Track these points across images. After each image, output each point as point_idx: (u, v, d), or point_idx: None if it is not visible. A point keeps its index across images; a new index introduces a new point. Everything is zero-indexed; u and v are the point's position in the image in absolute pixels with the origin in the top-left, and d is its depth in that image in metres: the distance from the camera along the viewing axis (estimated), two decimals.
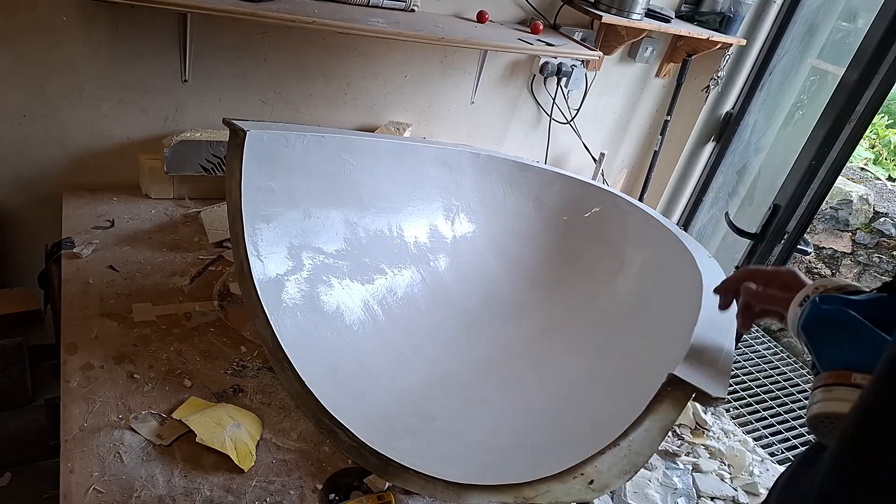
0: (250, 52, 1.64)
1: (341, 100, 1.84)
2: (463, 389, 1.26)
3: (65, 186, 1.61)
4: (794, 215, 1.98)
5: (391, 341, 1.31)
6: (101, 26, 1.45)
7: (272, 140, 1.12)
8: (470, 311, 1.48)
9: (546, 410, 1.21)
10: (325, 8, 1.51)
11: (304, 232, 1.24)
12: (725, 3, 2.13)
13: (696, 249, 1.38)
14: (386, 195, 1.42)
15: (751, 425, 2.50)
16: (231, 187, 1.08)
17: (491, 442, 1.11)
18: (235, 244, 1.10)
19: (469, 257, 1.57)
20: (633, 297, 1.47)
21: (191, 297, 1.36)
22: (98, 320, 1.23)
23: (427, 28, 1.58)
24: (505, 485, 0.90)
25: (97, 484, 0.92)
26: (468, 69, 1.96)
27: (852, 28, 2.40)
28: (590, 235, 1.62)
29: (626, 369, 1.24)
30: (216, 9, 1.31)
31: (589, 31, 2.00)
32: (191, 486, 0.96)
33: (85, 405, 1.04)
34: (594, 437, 0.87)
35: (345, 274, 1.31)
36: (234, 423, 1.04)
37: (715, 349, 0.92)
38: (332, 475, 1.03)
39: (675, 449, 2.15)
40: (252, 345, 1.26)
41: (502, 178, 1.63)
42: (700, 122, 2.47)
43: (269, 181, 1.14)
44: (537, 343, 1.43)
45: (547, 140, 2.25)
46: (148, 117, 1.62)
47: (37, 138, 1.53)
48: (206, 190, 1.72)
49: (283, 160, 1.16)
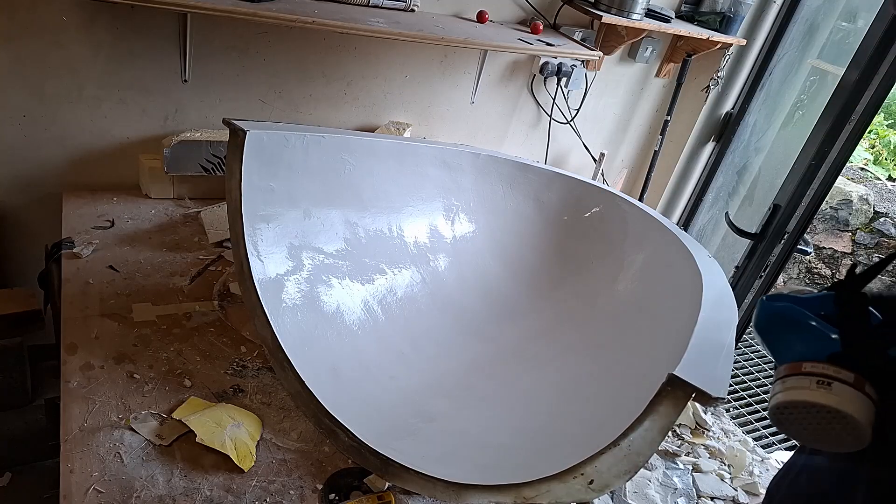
0: (250, 52, 1.64)
1: (341, 100, 1.84)
2: (463, 389, 1.26)
3: (65, 186, 1.61)
4: (794, 215, 1.98)
5: (391, 341, 1.31)
6: (101, 26, 1.45)
7: (272, 140, 1.12)
8: (470, 311, 1.48)
9: (546, 410, 1.21)
10: (325, 8, 1.51)
11: (304, 232, 1.24)
12: (725, 3, 2.13)
13: (696, 249, 1.38)
14: (386, 195, 1.42)
15: (751, 425, 2.50)
16: (231, 187, 1.08)
17: (491, 442, 1.11)
18: (235, 244, 1.10)
19: (469, 257, 1.57)
20: (633, 297, 1.47)
21: (191, 297, 1.36)
22: (98, 320, 1.23)
23: (427, 28, 1.58)
24: (505, 485, 0.90)
25: (97, 484, 0.92)
26: (468, 69, 1.96)
27: (852, 28, 2.40)
28: (590, 235, 1.62)
29: (625, 369, 1.24)
30: (216, 9, 1.31)
31: (589, 31, 2.00)
32: (191, 486, 0.96)
33: (85, 405, 1.04)
34: (594, 437, 0.87)
35: (345, 274, 1.31)
36: (234, 423, 1.04)
37: (715, 349, 0.92)
38: (332, 475, 1.03)
39: (675, 449, 2.15)
40: (252, 345, 1.26)
41: (502, 178, 1.63)
42: (700, 122, 2.47)
43: (269, 181, 1.14)
44: (537, 343, 1.43)
45: (547, 140, 2.25)
46: (148, 117, 1.62)
47: (37, 138, 1.53)
48: (206, 190, 1.72)
49: (283, 160, 1.16)
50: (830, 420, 0.51)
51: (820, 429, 0.53)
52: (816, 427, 0.53)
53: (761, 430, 2.50)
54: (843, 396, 0.51)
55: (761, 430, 2.50)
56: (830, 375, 0.52)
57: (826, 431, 0.52)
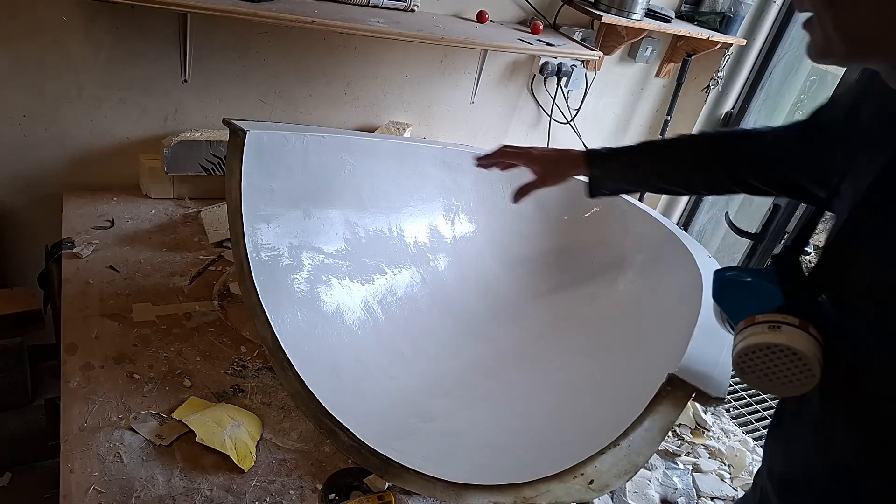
0: (250, 52, 1.64)
1: (341, 100, 1.84)
2: (463, 389, 1.26)
3: (65, 186, 1.61)
4: (795, 215, 1.98)
5: (391, 341, 1.31)
6: (101, 26, 1.45)
7: (272, 140, 1.12)
8: (470, 310, 1.48)
9: (546, 410, 1.21)
10: (325, 8, 1.51)
11: (304, 232, 1.24)
12: (725, 3, 2.13)
13: (696, 249, 1.38)
14: (386, 195, 1.42)
15: (751, 425, 2.50)
16: (231, 188, 1.08)
17: (491, 441, 1.11)
18: (235, 244, 1.10)
19: (469, 257, 1.57)
20: (632, 297, 1.47)
21: (191, 297, 1.36)
22: (98, 320, 1.23)
23: (427, 28, 1.58)
24: (505, 485, 0.90)
25: (97, 484, 0.92)
26: (468, 69, 1.96)
27: None
28: (590, 235, 1.62)
29: (625, 369, 1.24)
30: (216, 9, 1.31)
31: (589, 31, 2.00)
32: (191, 486, 0.96)
33: (85, 405, 1.04)
34: (594, 437, 0.87)
35: (345, 274, 1.31)
36: (234, 423, 1.04)
37: (715, 349, 0.92)
38: (332, 475, 1.03)
39: (675, 449, 2.15)
40: (252, 345, 1.26)
41: (502, 178, 1.62)
42: (700, 122, 2.47)
43: (268, 181, 1.14)
44: (537, 343, 1.43)
45: (547, 140, 2.25)
46: (148, 117, 1.62)
47: (37, 138, 1.53)
48: (206, 190, 1.72)
49: (283, 160, 1.16)
50: (784, 359, 0.61)
51: (776, 370, 0.62)
52: (773, 369, 0.62)
53: (761, 430, 2.50)
54: (791, 335, 0.60)
55: (761, 431, 2.50)
56: (779, 320, 0.61)
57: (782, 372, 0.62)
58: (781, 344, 0.60)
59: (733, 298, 0.69)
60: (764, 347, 0.61)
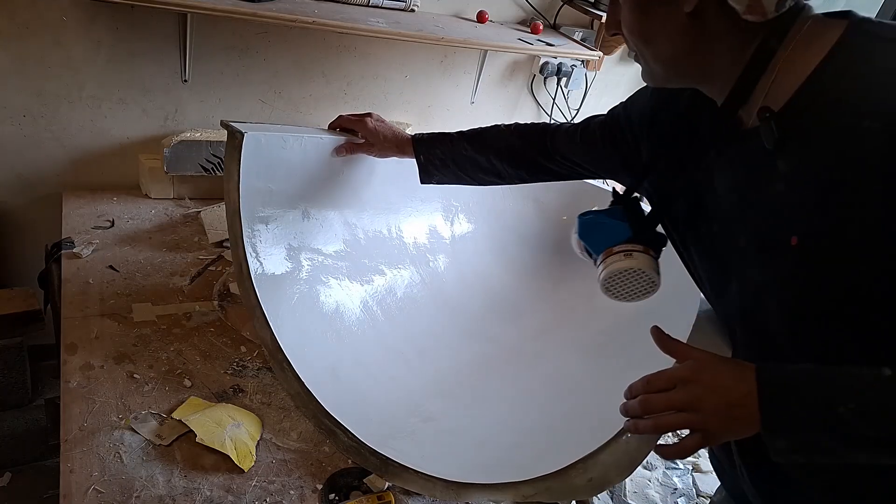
0: (250, 52, 1.64)
1: (341, 100, 1.84)
2: (462, 389, 1.26)
3: (65, 186, 1.61)
4: None
5: (390, 341, 1.31)
6: (101, 26, 1.45)
7: (270, 142, 1.12)
8: (469, 310, 1.48)
9: (544, 409, 1.21)
10: (325, 8, 1.51)
11: (303, 233, 1.24)
12: None
13: None
14: (385, 196, 1.42)
15: None
16: (229, 189, 1.08)
17: (490, 440, 1.11)
18: (234, 246, 1.10)
19: (468, 257, 1.57)
20: None
21: (191, 297, 1.36)
22: (98, 320, 1.23)
23: (427, 28, 1.58)
24: (504, 483, 0.90)
25: (97, 484, 0.92)
26: (468, 69, 1.96)
27: None
28: None
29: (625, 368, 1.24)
30: (216, 9, 1.32)
31: (589, 31, 2.00)
32: (191, 486, 0.96)
33: (85, 405, 1.04)
34: (594, 435, 0.87)
35: (344, 275, 1.31)
36: (234, 423, 1.04)
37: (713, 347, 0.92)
38: (332, 475, 1.03)
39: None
40: (252, 345, 1.26)
41: None
42: None
43: (267, 183, 1.14)
44: (536, 342, 1.43)
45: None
46: (148, 117, 1.63)
47: (37, 138, 1.53)
48: (206, 190, 1.72)
49: (282, 162, 1.16)
50: (636, 277, 0.81)
51: (632, 286, 0.82)
52: (629, 286, 0.82)
53: None
54: (640, 259, 0.80)
55: None
56: (630, 249, 0.80)
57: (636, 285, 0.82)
58: (634, 267, 0.80)
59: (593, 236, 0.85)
60: (623, 271, 0.80)
